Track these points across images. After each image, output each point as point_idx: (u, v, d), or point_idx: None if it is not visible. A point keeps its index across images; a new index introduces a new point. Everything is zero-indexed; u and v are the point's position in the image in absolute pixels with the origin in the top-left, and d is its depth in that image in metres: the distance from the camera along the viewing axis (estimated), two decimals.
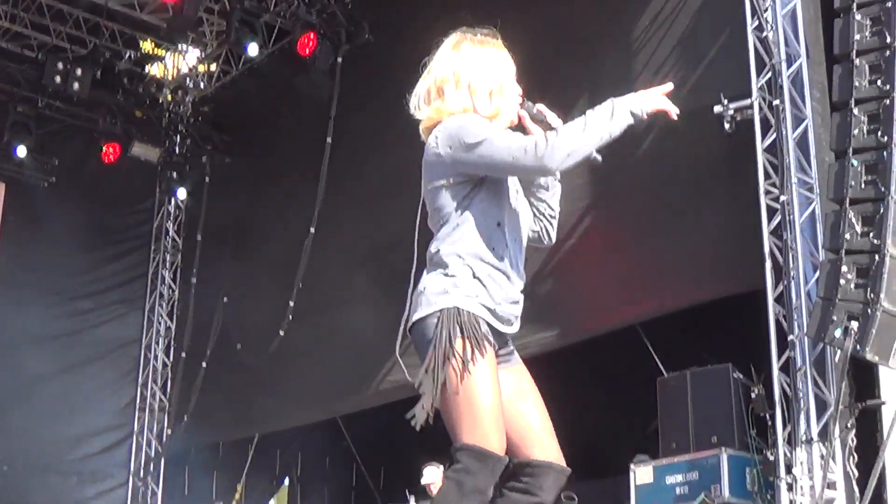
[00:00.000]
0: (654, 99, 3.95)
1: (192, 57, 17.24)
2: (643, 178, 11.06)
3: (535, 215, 4.26)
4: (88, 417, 16.26)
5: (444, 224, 3.99)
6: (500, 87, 4.11)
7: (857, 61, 8.85)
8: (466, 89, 4.08)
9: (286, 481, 17.07)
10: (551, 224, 4.29)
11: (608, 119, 3.86)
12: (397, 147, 13.29)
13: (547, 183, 4.23)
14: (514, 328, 4.08)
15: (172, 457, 16.43)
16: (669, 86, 4.04)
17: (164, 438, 16.54)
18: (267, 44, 15.41)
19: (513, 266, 4.02)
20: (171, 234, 17.60)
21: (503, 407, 3.87)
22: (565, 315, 11.68)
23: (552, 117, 4.09)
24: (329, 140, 14.26)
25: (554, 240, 4.31)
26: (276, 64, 15.73)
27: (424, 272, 4.03)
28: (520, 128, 4.11)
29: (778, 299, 9.73)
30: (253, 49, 14.47)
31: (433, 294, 3.90)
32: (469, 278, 3.91)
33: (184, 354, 16.37)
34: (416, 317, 3.92)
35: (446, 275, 3.92)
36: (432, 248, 4.01)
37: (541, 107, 4.12)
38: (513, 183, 4.14)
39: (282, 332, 14.58)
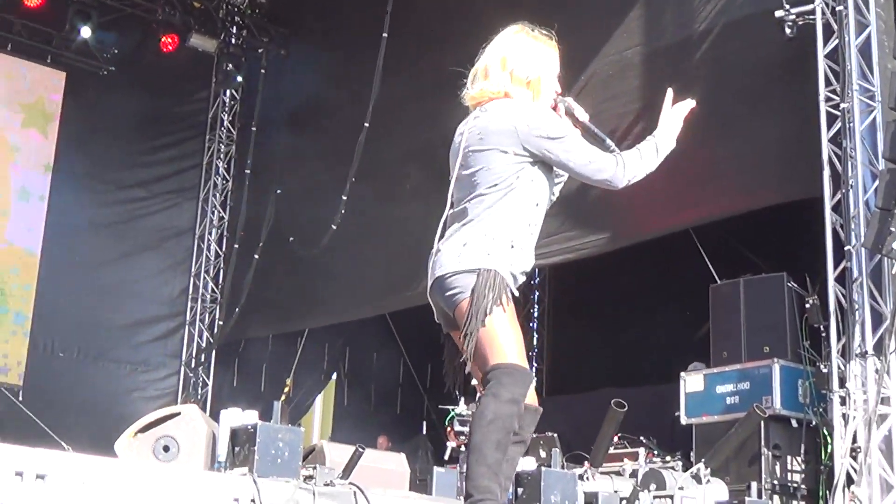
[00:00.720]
0: (677, 126, 4.80)
1: None
2: (701, 81, 10.86)
3: None
4: (141, 306, 16.39)
5: (493, 187, 4.49)
6: (538, 79, 4.69)
7: None
8: (509, 75, 4.67)
9: (334, 376, 17.21)
10: None
11: (655, 155, 4.69)
12: (453, 45, 13.15)
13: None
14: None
15: (223, 348, 16.58)
16: (690, 103, 4.88)
17: (216, 329, 16.68)
18: None
19: (534, 243, 4.64)
20: (226, 124, 17.58)
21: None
22: (618, 218, 11.57)
23: (580, 112, 4.72)
24: (385, 35, 14.10)
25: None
26: None
27: (463, 224, 4.53)
28: None
29: (835, 208, 9.59)
30: None
31: (476, 252, 4.44)
32: (507, 247, 4.47)
33: (237, 246, 16.42)
34: (456, 266, 4.47)
35: (489, 237, 4.46)
36: (477, 206, 4.51)
37: (571, 101, 4.74)
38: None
39: (334, 226, 14.54)
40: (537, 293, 16.03)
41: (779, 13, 9.90)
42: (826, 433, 9.53)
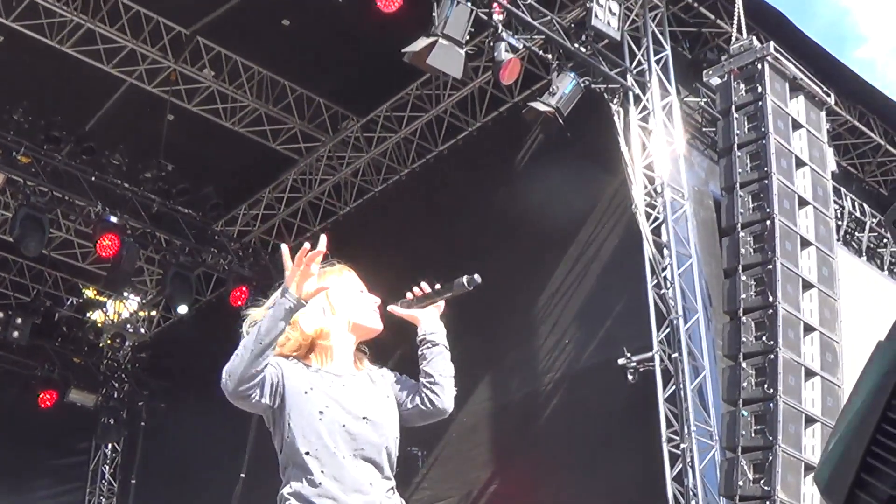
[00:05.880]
0: (299, 277, 3.57)
1: (133, 303, 17.66)
2: (552, 430, 11.47)
3: (419, 390, 3.94)
4: None
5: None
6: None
7: (743, 319, 9.47)
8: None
9: None
10: (433, 391, 3.90)
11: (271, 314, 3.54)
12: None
13: (422, 353, 3.98)
14: None
15: None
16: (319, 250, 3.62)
17: None
18: (204, 291, 15.91)
19: (339, 480, 3.66)
20: (106, 476, 17.60)
21: None
22: None
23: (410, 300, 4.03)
24: None
25: (443, 405, 3.91)
26: (212, 310, 16.16)
27: None
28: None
29: None
30: (182, 309, 14.82)
31: None
32: None
33: None
34: None
35: None
36: None
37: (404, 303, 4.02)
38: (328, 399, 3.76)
39: None
40: None
41: (621, 361, 10.64)
42: None
